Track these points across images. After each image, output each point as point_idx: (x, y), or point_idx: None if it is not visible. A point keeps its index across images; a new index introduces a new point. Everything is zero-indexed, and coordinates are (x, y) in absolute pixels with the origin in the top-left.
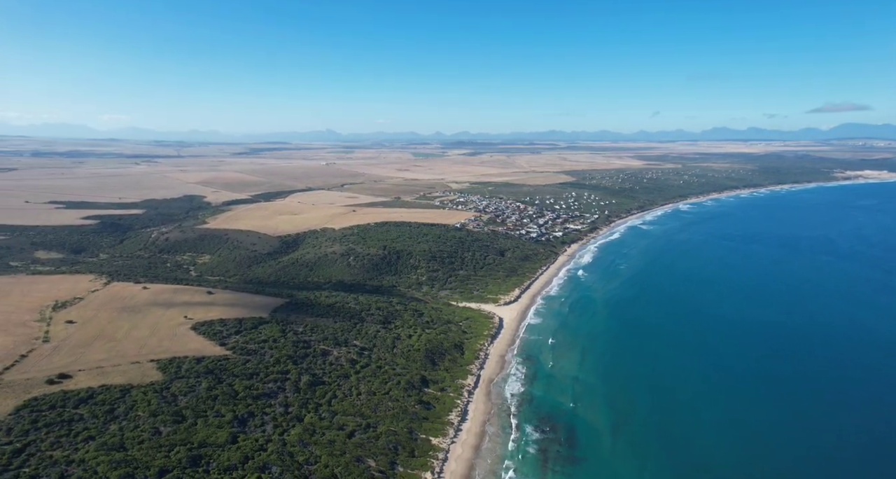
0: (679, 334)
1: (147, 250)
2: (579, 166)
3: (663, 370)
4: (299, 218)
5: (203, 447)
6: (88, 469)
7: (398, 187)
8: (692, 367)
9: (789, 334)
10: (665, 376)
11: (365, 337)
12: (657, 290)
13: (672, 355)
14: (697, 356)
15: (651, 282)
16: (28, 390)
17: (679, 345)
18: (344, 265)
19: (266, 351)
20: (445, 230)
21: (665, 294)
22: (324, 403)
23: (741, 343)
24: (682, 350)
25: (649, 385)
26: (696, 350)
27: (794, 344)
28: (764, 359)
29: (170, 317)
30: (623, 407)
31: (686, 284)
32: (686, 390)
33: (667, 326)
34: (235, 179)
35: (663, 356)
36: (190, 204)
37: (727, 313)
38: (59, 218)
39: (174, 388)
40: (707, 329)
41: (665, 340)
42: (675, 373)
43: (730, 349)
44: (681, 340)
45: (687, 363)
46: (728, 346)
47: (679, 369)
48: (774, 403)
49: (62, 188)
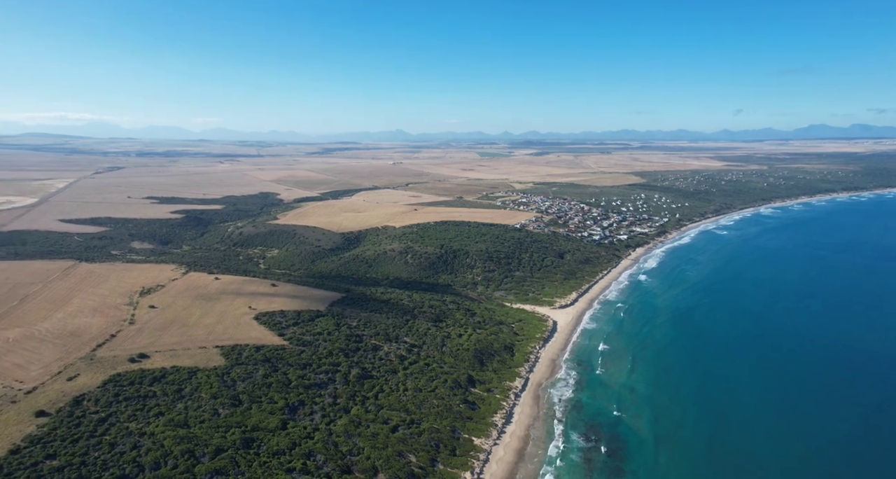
0: (742, 349)
1: (223, 243)
2: (651, 167)
3: (721, 386)
4: (362, 216)
5: (255, 430)
6: (156, 442)
7: (461, 187)
8: (753, 385)
9: (876, 359)
10: (722, 391)
11: (415, 334)
12: (724, 299)
13: (732, 369)
14: (760, 374)
15: (718, 290)
16: (114, 366)
17: (740, 360)
18: (402, 263)
19: (320, 343)
20: (504, 231)
21: (732, 304)
22: (371, 396)
23: (814, 365)
24: (744, 366)
25: (704, 400)
26: (760, 367)
27: (882, 372)
28: (841, 387)
29: (236, 306)
30: (673, 420)
31: (758, 294)
32: (743, 409)
33: (730, 338)
34: (307, 178)
35: (722, 370)
36: (264, 201)
37: (802, 328)
38: (153, 212)
39: (234, 373)
40: (775, 345)
41: (726, 353)
42: (734, 390)
43: (799, 370)
44: (743, 354)
45: (747, 381)
46: (798, 366)
47: (738, 386)
48: (848, 439)
49: (157, 185)
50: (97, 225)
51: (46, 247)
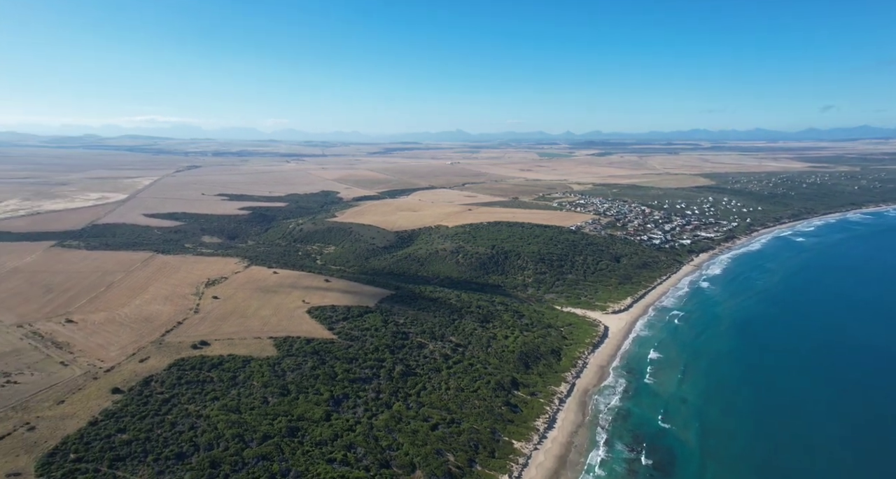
0: (810, 366)
1: (285, 239)
2: (722, 169)
3: (781, 403)
4: (417, 215)
5: (301, 420)
6: (211, 425)
7: (518, 187)
8: (818, 406)
9: None
10: (782, 410)
11: (461, 334)
12: (794, 311)
13: (795, 387)
14: (829, 396)
15: (788, 301)
16: (179, 351)
17: (807, 378)
18: (453, 262)
19: (367, 339)
20: (558, 232)
21: (803, 317)
22: (413, 393)
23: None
24: (810, 385)
25: (760, 417)
26: (829, 388)
27: None
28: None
29: (291, 300)
30: (724, 435)
31: (834, 307)
32: (804, 432)
33: (797, 353)
34: (367, 177)
35: (784, 387)
36: (325, 199)
37: (884, 347)
38: (223, 208)
39: (284, 364)
40: (851, 365)
41: (790, 369)
42: (796, 409)
43: (878, 396)
44: (810, 372)
45: (813, 401)
46: (876, 391)
47: (801, 406)
48: None
49: (229, 183)
50: (174, 220)
51: (131, 239)
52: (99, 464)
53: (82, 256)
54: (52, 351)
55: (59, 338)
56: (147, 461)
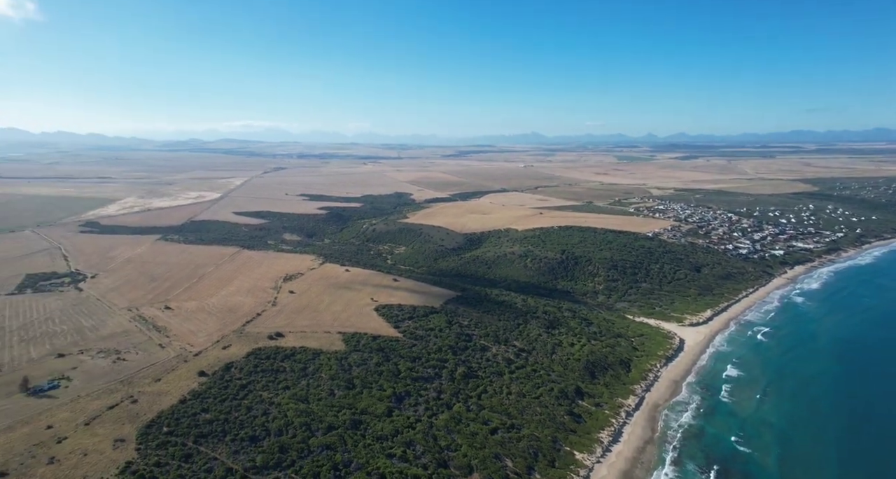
0: None
1: (358, 238)
2: (827, 173)
3: (883, 433)
4: (487, 217)
5: (364, 414)
6: (281, 412)
7: (592, 191)
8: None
9: None
10: (884, 440)
11: (526, 339)
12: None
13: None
14: None
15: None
16: (257, 341)
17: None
18: (521, 266)
19: (431, 339)
20: (634, 239)
21: None
22: (474, 396)
23: None
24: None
25: (854, 446)
26: None
27: None
28: None
29: (360, 297)
30: (810, 464)
31: None
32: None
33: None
34: (439, 179)
35: (886, 421)
36: (398, 200)
37: None
38: (304, 208)
39: (351, 359)
40: None
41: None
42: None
43: None
44: None
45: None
46: None
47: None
48: None
49: (310, 183)
50: (259, 218)
51: (222, 235)
52: (186, 439)
53: (181, 249)
54: (153, 334)
55: (159, 322)
56: (225, 440)
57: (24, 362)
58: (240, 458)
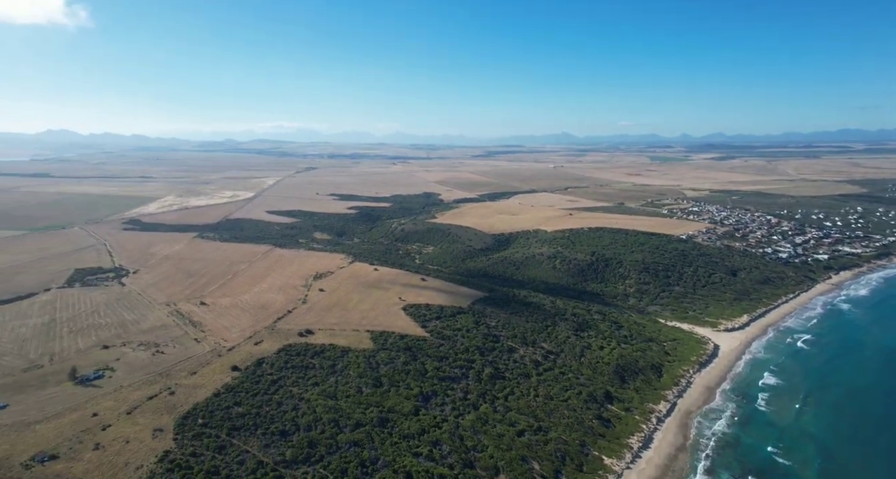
0: None
1: (387, 237)
2: (878, 174)
3: None
4: (515, 218)
5: (391, 412)
6: (311, 408)
7: (624, 193)
8: None
9: None
10: None
11: (554, 341)
12: None
13: None
14: None
15: None
16: (287, 337)
17: None
18: (549, 268)
19: (458, 339)
20: (666, 241)
21: None
22: (500, 397)
23: None
24: None
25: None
26: None
27: None
28: None
29: (388, 296)
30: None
31: None
32: None
33: None
34: (468, 179)
35: None
36: (427, 200)
37: None
38: (334, 207)
39: (379, 357)
40: None
41: None
42: None
43: None
44: None
45: None
46: None
47: None
48: None
49: (340, 183)
50: (291, 217)
51: (255, 233)
52: (219, 431)
53: (216, 247)
54: (189, 329)
55: (195, 317)
56: (257, 433)
57: (73, 353)
58: (270, 451)
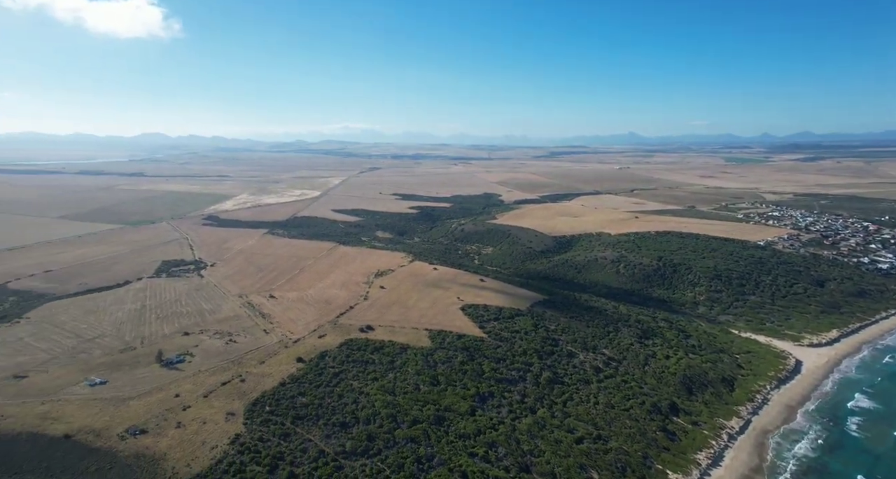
0: None
1: (446, 237)
2: None
3: None
4: (578, 220)
5: (447, 411)
6: (370, 402)
7: (695, 195)
8: None
9: None
10: None
11: (616, 348)
12: None
13: None
14: None
15: None
16: (349, 332)
17: None
18: (612, 272)
19: (516, 341)
20: (742, 247)
21: None
22: (559, 402)
23: None
24: None
25: None
26: None
27: None
28: None
29: (447, 296)
30: None
31: None
32: None
33: None
34: (529, 180)
35: None
36: (487, 201)
37: None
38: (395, 207)
39: (436, 356)
40: None
41: None
42: None
43: None
44: None
45: None
46: None
47: None
48: None
49: (402, 183)
50: (355, 215)
51: (321, 230)
52: (284, 419)
53: (285, 243)
54: (259, 320)
55: (265, 310)
56: (319, 423)
57: (159, 338)
58: (331, 442)
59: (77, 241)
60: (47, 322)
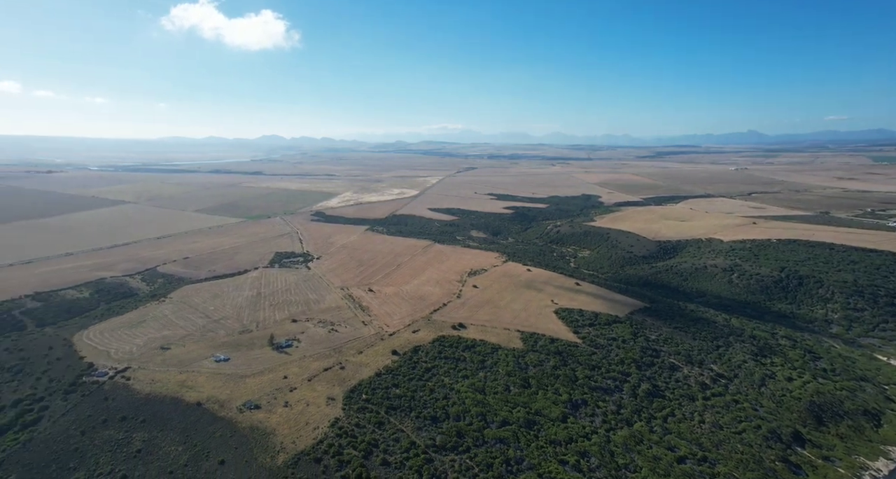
0: None
1: (541, 239)
2: None
3: None
4: (685, 225)
5: (538, 415)
6: (460, 398)
7: (830, 200)
8: None
9: None
10: None
11: (726, 364)
12: None
13: None
14: None
15: None
16: (441, 329)
17: None
18: (724, 281)
19: (613, 349)
20: (892, 260)
21: None
22: (658, 417)
23: None
24: None
25: None
26: None
27: None
28: None
29: (540, 298)
30: None
31: None
32: None
33: None
34: (631, 182)
35: None
36: (585, 202)
37: None
38: (490, 206)
39: (528, 358)
40: None
41: None
42: None
43: None
44: None
45: None
46: None
47: None
48: None
49: (498, 183)
50: (450, 214)
51: (417, 228)
52: (379, 408)
53: (384, 239)
54: (358, 312)
55: (363, 302)
56: (411, 415)
57: (271, 323)
58: (422, 434)
59: (208, 232)
60: (185, 302)
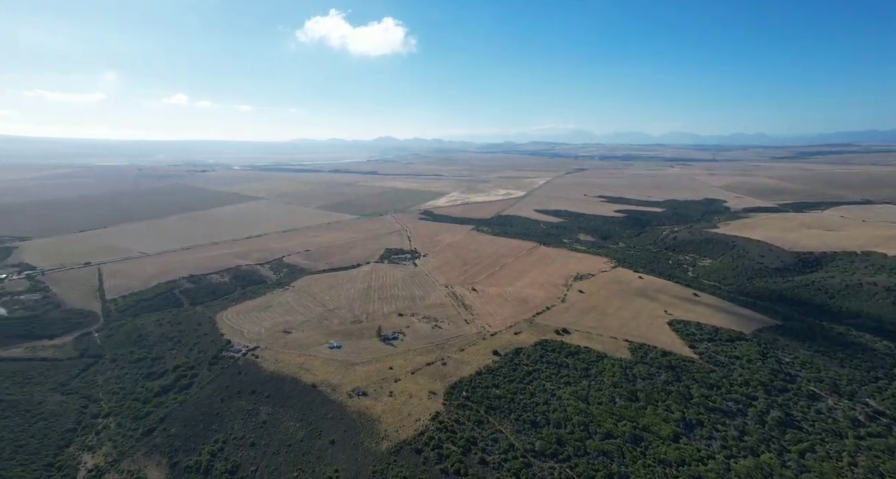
0: None
1: (656, 245)
2: None
3: None
4: (832, 235)
5: (646, 431)
6: (562, 405)
7: None
8: None
9: None
10: None
11: (889, 400)
12: None
13: None
14: None
15: None
16: (544, 332)
17: None
18: (887, 302)
19: (736, 368)
20: None
21: None
22: (793, 450)
23: None
24: None
25: None
26: None
27: None
28: None
29: (652, 308)
30: None
31: None
32: None
33: None
34: (764, 185)
35: None
36: (707, 207)
37: None
38: (600, 209)
39: (636, 370)
40: None
41: None
42: None
43: None
44: None
45: None
46: None
47: None
48: None
49: (609, 185)
50: (557, 216)
51: (523, 230)
52: (479, 406)
53: (489, 240)
54: (461, 310)
55: (467, 301)
56: (510, 417)
57: (379, 315)
58: (521, 438)
59: (327, 227)
60: (305, 292)
